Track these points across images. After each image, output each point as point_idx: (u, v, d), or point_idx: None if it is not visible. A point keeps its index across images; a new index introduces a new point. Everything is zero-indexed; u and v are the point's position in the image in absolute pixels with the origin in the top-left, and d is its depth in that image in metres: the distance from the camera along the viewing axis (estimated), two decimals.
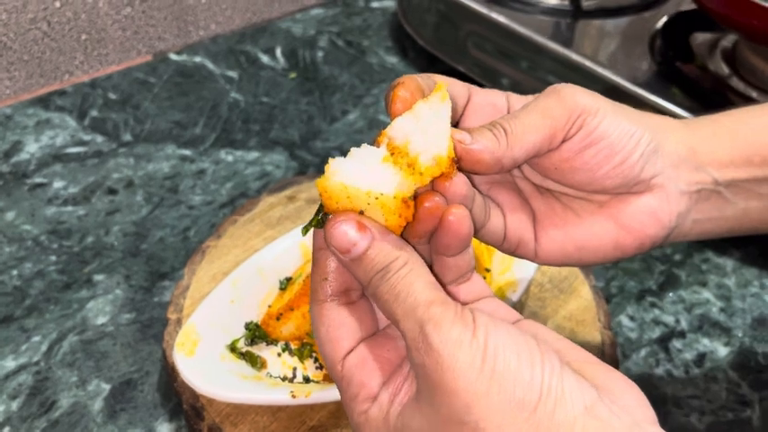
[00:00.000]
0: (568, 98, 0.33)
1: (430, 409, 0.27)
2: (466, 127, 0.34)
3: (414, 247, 0.30)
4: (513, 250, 0.36)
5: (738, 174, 0.37)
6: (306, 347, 0.47)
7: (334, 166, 0.28)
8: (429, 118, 0.30)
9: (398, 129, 0.30)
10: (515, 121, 0.33)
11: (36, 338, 0.54)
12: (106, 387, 0.51)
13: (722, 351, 0.56)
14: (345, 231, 0.28)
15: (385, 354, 0.30)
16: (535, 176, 0.38)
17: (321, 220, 0.29)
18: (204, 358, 0.42)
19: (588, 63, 0.71)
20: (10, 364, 0.52)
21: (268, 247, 0.50)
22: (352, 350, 0.30)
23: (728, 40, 0.75)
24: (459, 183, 0.31)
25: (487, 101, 0.35)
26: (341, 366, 0.30)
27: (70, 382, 0.51)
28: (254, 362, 0.45)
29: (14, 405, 0.49)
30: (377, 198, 0.28)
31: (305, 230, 0.30)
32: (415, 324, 0.27)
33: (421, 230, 0.30)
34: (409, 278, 0.28)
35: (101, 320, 0.55)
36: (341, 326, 0.30)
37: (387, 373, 0.30)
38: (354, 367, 0.30)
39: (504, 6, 0.79)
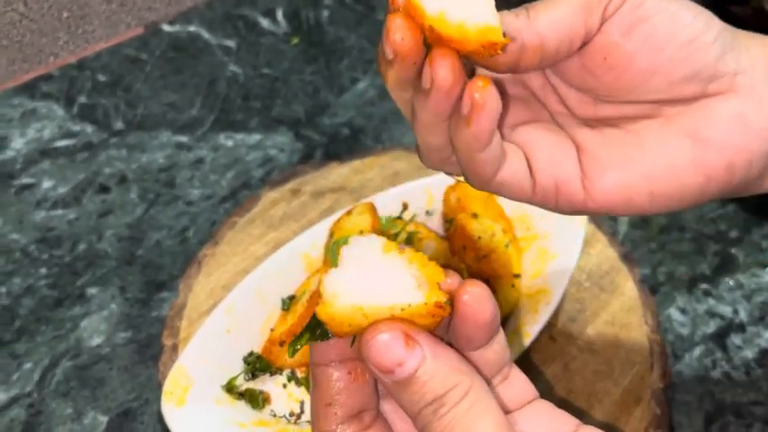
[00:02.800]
0: None
1: None
2: None
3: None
4: (555, 200, 0.28)
5: None
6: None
7: (333, 284, 0.21)
8: None
9: None
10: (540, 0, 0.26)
11: (28, 365, 0.50)
12: (103, 420, 0.47)
13: None
14: (389, 345, 0.21)
15: None
16: (584, 107, 0.29)
17: (319, 332, 0.23)
18: (197, 407, 0.38)
19: None
20: (2, 396, 0.48)
21: (266, 263, 0.45)
22: None
23: None
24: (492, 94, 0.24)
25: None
26: None
27: (65, 415, 0.47)
28: (255, 401, 0.40)
29: None
30: (403, 309, 0.21)
31: (293, 351, 0.23)
32: None
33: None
34: (472, 416, 0.21)
35: (95, 341, 0.51)
36: None
37: None
38: None
39: None
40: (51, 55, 0.75)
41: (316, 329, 0.23)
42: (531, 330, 0.41)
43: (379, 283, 0.21)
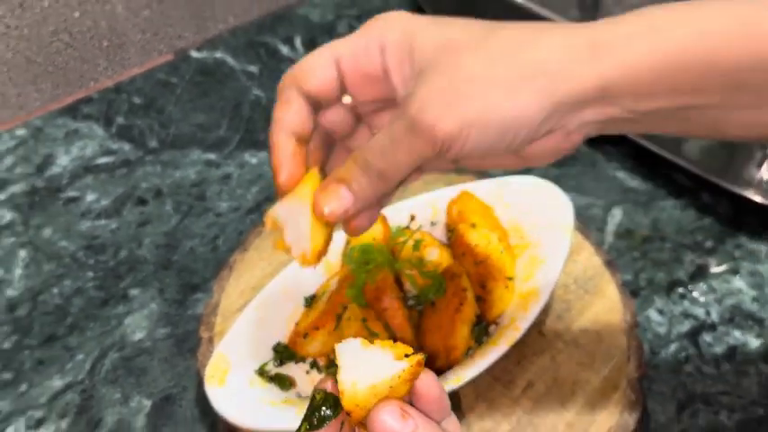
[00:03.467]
0: (425, 128, 0.31)
1: None
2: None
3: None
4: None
5: (660, 104, 0.32)
6: (333, 366, 0.48)
7: (348, 381, 0.27)
8: (297, 210, 0.33)
9: (278, 212, 0.33)
10: (378, 161, 0.32)
11: (80, 356, 0.56)
12: (147, 403, 0.53)
13: (754, 343, 0.56)
14: (388, 421, 0.27)
15: None
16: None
17: (316, 421, 0.28)
18: (235, 387, 0.44)
19: None
20: (57, 383, 0.55)
21: (290, 267, 0.51)
22: None
23: None
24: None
25: (361, 72, 0.35)
26: None
27: (114, 399, 0.53)
28: (283, 384, 0.46)
29: (64, 424, 0.52)
30: (400, 377, 0.28)
31: None
32: None
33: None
34: None
35: (138, 336, 0.57)
36: None
37: None
38: None
39: None
40: (91, 80, 0.82)
41: (313, 419, 0.29)
42: (521, 325, 0.47)
43: (374, 367, 0.27)
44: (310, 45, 0.88)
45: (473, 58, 0.32)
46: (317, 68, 0.34)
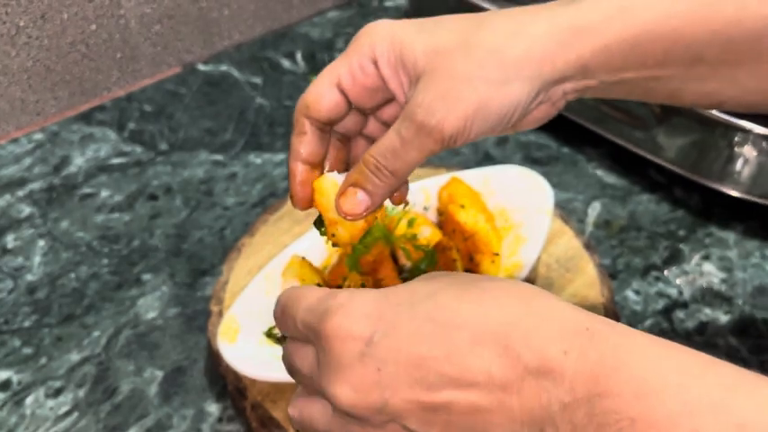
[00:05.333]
0: (433, 129, 0.34)
1: None
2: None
3: None
4: None
5: (629, 75, 0.36)
6: None
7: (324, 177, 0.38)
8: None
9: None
10: (389, 162, 0.36)
11: (96, 333, 0.60)
12: (160, 374, 0.57)
13: (723, 319, 0.60)
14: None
15: None
16: None
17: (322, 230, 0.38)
18: (244, 344, 0.48)
19: None
20: (75, 357, 0.58)
21: (295, 244, 0.56)
22: None
23: None
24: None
25: (361, 87, 0.37)
26: None
27: (128, 370, 0.57)
28: None
29: (81, 393, 0.56)
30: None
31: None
32: None
33: None
34: None
35: (151, 315, 0.62)
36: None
37: None
38: None
39: (514, 5, 0.82)
40: (105, 89, 0.87)
41: (320, 226, 0.39)
42: None
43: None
44: (310, 59, 0.94)
45: (465, 60, 0.35)
46: (322, 96, 0.37)
